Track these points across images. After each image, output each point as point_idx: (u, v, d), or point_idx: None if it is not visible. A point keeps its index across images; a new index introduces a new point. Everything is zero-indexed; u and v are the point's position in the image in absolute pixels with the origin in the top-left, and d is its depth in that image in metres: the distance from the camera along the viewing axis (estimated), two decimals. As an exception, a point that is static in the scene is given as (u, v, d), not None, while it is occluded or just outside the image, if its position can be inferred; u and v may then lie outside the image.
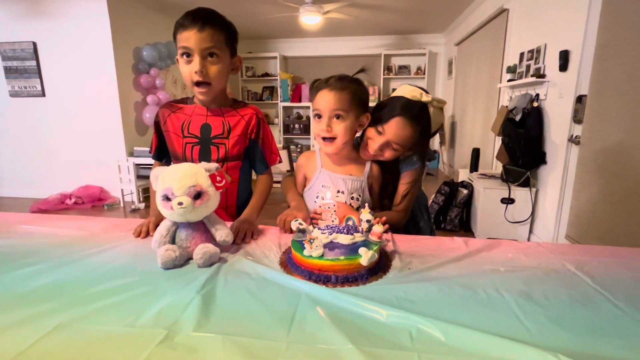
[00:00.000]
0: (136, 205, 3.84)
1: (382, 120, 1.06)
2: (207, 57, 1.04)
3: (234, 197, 1.23)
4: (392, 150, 1.08)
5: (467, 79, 4.61)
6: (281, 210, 1.08)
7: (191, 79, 1.05)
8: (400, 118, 1.04)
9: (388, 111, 1.06)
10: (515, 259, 0.87)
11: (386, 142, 1.06)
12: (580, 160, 2.32)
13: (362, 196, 1.13)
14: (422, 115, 1.05)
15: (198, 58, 1.02)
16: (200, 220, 0.87)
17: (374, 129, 1.07)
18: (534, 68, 2.77)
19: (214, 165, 0.88)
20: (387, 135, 1.05)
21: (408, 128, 1.04)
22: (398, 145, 1.06)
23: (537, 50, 2.75)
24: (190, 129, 1.15)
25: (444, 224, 3.11)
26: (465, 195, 3.04)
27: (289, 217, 1.03)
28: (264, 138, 1.22)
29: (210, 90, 1.08)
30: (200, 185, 0.83)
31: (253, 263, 0.82)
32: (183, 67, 1.05)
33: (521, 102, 2.83)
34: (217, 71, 1.06)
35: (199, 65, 1.02)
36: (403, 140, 1.05)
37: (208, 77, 1.05)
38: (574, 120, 2.34)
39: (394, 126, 1.04)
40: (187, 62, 1.04)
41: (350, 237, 0.80)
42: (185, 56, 1.03)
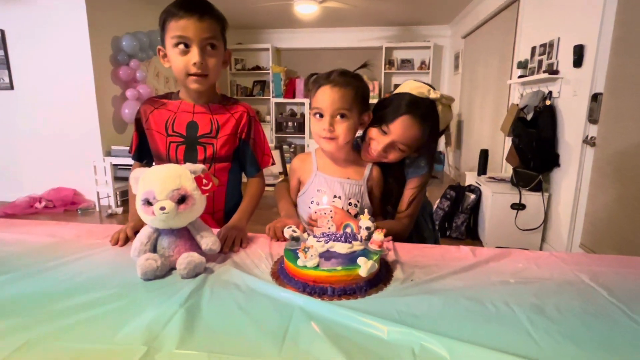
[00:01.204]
0: (113, 210, 3.81)
1: (386, 119, 1.06)
2: (207, 48, 1.04)
3: (221, 202, 1.23)
4: (397, 152, 1.08)
5: (475, 75, 4.65)
6: (274, 215, 1.08)
7: (186, 71, 1.05)
8: (407, 117, 1.04)
9: (393, 109, 1.06)
10: (526, 269, 0.87)
11: (391, 143, 1.06)
12: (595, 163, 2.35)
13: (361, 201, 1.13)
14: (430, 113, 1.06)
15: (197, 49, 1.02)
16: (184, 227, 0.87)
17: (377, 129, 1.08)
18: (547, 63, 2.80)
19: (200, 167, 0.88)
20: (392, 136, 1.05)
21: (416, 127, 1.04)
22: (404, 146, 1.06)
23: (549, 45, 2.78)
24: (175, 127, 1.15)
25: (449, 231, 3.12)
26: (472, 201, 3.06)
27: (280, 224, 1.04)
28: (256, 138, 1.22)
29: (206, 82, 1.09)
30: (185, 189, 0.83)
31: (242, 274, 0.81)
32: (177, 59, 1.05)
33: (533, 100, 2.86)
34: (215, 63, 1.07)
35: (198, 57, 1.03)
36: (410, 140, 1.05)
37: (207, 70, 1.06)
38: (589, 120, 2.37)
39: (400, 126, 1.04)
40: (182, 52, 1.04)
41: (348, 245, 0.80)
42: (183, 46, 1.03)
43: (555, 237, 2.70)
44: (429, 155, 1.14)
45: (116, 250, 0.96)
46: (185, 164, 0.87)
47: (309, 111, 1.10)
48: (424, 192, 1.21)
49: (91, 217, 3.73)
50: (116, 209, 3.83)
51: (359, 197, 1.13)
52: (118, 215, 3.76)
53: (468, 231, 3.10)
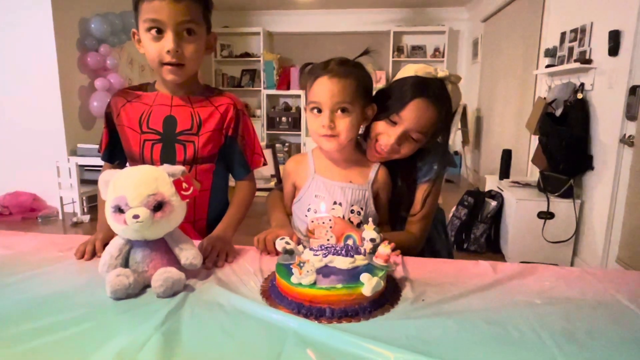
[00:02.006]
0: (79, 218, 3.80)
1: (393, 108, 1.08)
2: (183, 33, 1.04)
3: (204, 209, 1.23)
4: (411, 143, 1.10)
5: (497, 64, 4.68)
6: (265, 225, 1.09)
7: (160, 59, 1.05)
8: (420, 100, 1.06)
9: (400, 95, 1.08)
10: (555, 288, 0.87)
11: (404, 133, 1.08)
12: (634, 166, 2.36)
13: (366, 209, 1.13)
14: (443, 93, 1.08)
15: (172, 34, 1.02)
16: (161, 238, 0.87)
17: (385, 121, 1.09)
18: (578, 51, 2.82)
19: (180, 169, 0.88)
20: (404, 124, 1.07)
21: (431, 110, 1.07)
22: (419, 134, 1.08)
23: (581, 30, 2.80)
24: (151, 123, 1.15)
25: (466, 243, 3.13)
26: (493, 208, 3.07)
27: (271, 236, 1.04)
28: (244, 135, 1.22)
29: (182, 72, 1.09)
30: (162, 194, 0.83)
31: (227, 292, 0.81)
32: (149, 45, 1.05)
33: (562, 93, 2.88)
34: (193, 51, 1.07)
35: (173, 43, 1.03)
36: (425, 126, 1.08)
37: (182, 58, 1.06)
38: (626, 116, 2.38)
39: (413, 111, 1.06)
40: (155, 38, 1.04)
41: (350, 260, 0.80)
42: (155, 31, 1.03)
43: (588, 250, 2.71)
44: (446, 140, 1.15)
45: (82, 265, 0.95)
46: (163, 166, 0.88)
47: (305, 106, 1.11)
48: (438, 197, 1.21)
49: (53, 226, 3.72)
50: (82, 217, 3.82)
51: (362, 204, 1.13)
52: (84, 224, 3.75)
53: (488, 244, 3.10)
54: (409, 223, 1.19)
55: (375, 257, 0.82)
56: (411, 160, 1.17)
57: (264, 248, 1.03)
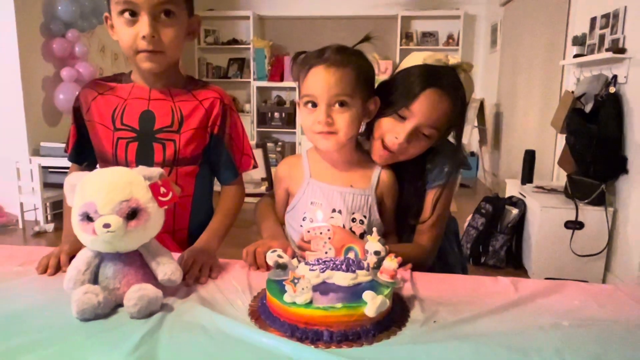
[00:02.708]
0: (42, 227, 3.79)
1: (401, 101, 1.08)
2: (161, 16, 1.05)
3: (185, 218, 1.23)
4: (422, 140, 1.10)
5: (518, 53, 4.70)
6: (254, 236, 1.08)
7: (135, 46, 1.05)
8: (433, 90, 1.07)
9: (408, 87, 1.08)
10: (585, 308, 0.87)
11: (415, 130, 1.08)
12: (674, 169, 2.37)
13: (369, 217, 1.13)
14: (456, 82, 1.10)
15: (147, 17, 1.03)
16: (135, 250, 0.86)
17: (393, 117, 1.10)
18: (610, 39, 2.83)
19: (158, 171, 0.88)
20: (415, 119, 1.07)
21: (445, 102, 1.07)
22: (432, 129, 1.09)
23: (614, 15, 2.82)
24: (125, 118, 1.15)
25: (484, 257, 3.13)
26: (514, 217, 3.07)
27: (261, 248, 1.03)
28: (232, 133, 1.22)
29: (160, 60, 1.09)
30: (137, 200, 0.83)
31: (211, 312, 0.81)
32: (123, 30, 1.05)
33: (592, 87, 2.89)
34: (172, 36, 1.07)
35: (148, 28, 1.03)
36: (439, 120, 1.08)
37: (160, 45, 1.06)
38: (665, 113, 2.39)
39: (425, 103, 1.07)
40: (128, 22, 1.04)
41: (351, 276, 0.80)
42: (128, 14, 1.03)
43: (622, 265, 2.71)
44: (456, 146, 1.16)
45: (45, 281, 0.95)
46: (138, 168, 0.87)
47: (298, 100, 1.11)
48: (450, 204, 1.21)
49: (12, 237, 3.70)
50: (46, 226, 3.81)
51: (365, 211, 1.13)
52: (48, 234, 3.74)
53: (509, 257, 3.10)
54: (418, 233, 1.19)
55: (380, 273, 0.82)
56: (420, 160, 1.17)
57: (254, 262, 1.03)
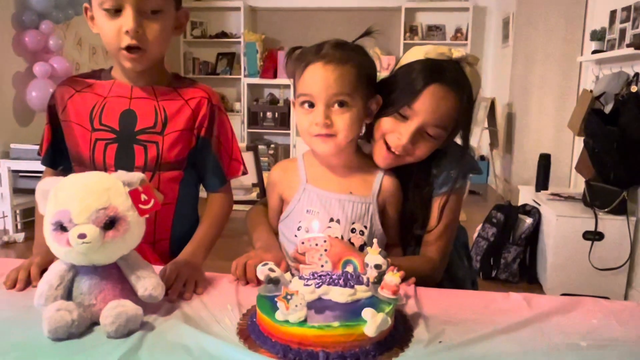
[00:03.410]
0: (11, 237, 3.77)
1: (402, 99, 1.09)
2: (147, 10, 1.06)
3: (168, 227, 1.23)
4: (428, 141, 1.11)
5: (532, 49, 4.72)
6: (244, 247, 1.08)
7: (118, 41, 1.06)
8: (436, 86, 1.07)
9: (409, 84, 1.09)
10: (604, 327, 0.87)
11: (419, 129, 1.09)
12: (701, 176, 2.38)
13: (370, 227, 1.13)
14: (462, 77, 1.10)
15: (132, 11, 1.04)
16: (113, 263, 0.86)
17: (394, 117, 1.10)
18: (632, 34, 2.84)
19: (138, 177, 0.87)
20: (419, 118, 1.08)
21: (450, 98, 1.08)
22: (438, 128, 1.09)
23: (635, 8, 2.84)
24: (104, 118, 1.15)
25: (495, 270, 3.13)
26: (528, 227, 3.07)
27: (252, 260, 1.03)
28: (220, 136, 1.23)
29: (144, 58, 1.10)
30: (115, 208, 0.83)
31: (196, 332, 0.81)
32: (105, 24, 1.06)
33: (613, 86, 2.90)
34: (158, 32, 1.08)
35: (133, 23, 1.04)
36: (444, 118, 1.09)
37: (145, 41, 1.07)
38: (692, 114, 2.40)
39: (428, 100, 1.07)
40: (111, 15, 1.05)
41: (349, 291, 0.80)
42: (112, 6, 1.04)
43: (645, 280, 2.71)
44: (464, 148, 1.16)
45: (13, 296, 0.94)
46: (117, 173, 0.87)
47: (294, 99, 1.11)
48: (459, 212, 1.22)
49: (-22, 247, 3.68)
50: (15, 236, 3.78)
51: (366, 221, 1.13)
52: (18, 245, 3.71)
53: (522, 271, 3.10)
54: (424, 245, 1.19)
55: (381, 288, 0.82)
56: (425, 165, 1.17)
57: (243, 276, 1.03)
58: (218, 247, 1.21)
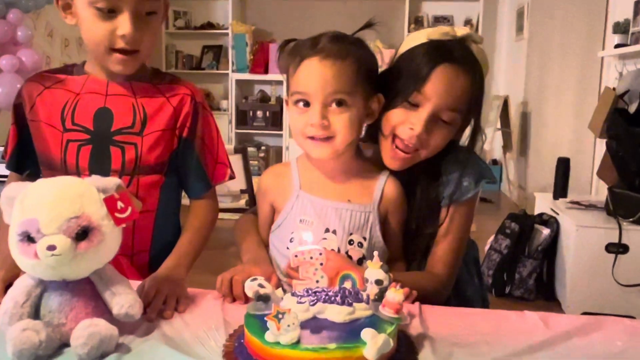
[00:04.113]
0: (-27, 248, 3.74)
1: (409, 86, 1.10)
2: (142, 14, 1.08)
3: (147, 238, 1.23)
4: (443, 128, 1.12)
5: (549, 42, 4.74)
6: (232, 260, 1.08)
7: (109, 44, 1.07)
8: (447, 66, 1.09)
9: (416, 68, 1.10)
10: (629, 350, 0.87)
11: (433, 115, 1.10)
12: None
13: (370, 239, 1.13)
14: (470, 55, 1.13)
15: (129, 16, 1.05)
16: (85, 278, 0.86)
17: (403, 107, 1.11)
18: (658, 27, 2.86)
19: (114, 182, 0.87)
20: (432, 102, 1.09)
21: (462, 77, 1.10)
22: (452, 112, 1.11)
23: (662, -1, 2.85)
24: (77, 117, 1.15)
25: (509, 287, 3.13)
26: (545, 239, 3.08)
27: (239, 275, 1.03)
28: (205, 136, 1.23)
29: (136, 61, 1.12)
30: (88, 217, 0.82)
31: (178, 354, 0.81)
32: (94, 24, 1.07)
33: (638, 83, 2.92)
34: (152, 35, 1.11)
35: (131, 27, 1.05)
36: (458, 100, 1.10)
37: (138, 44, 1.09)
38: None
39: (440, 81, 1.09)
40: (104, 17, 1.06)
41: (347, 310, 0.79)
42: (105, 7, 1.05)
43: (674, 297, 2.72)
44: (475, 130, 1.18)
45: (-26, 315, 0.94)
46: (91, 178, 0.87)
47: (287, 97, 1.12)
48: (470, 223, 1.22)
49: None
50: (-22, 247, 3.76)
51: (365, 232, 1.13)
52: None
53: (539, 287, 3.10)
54: (431, 260, 1.19)
55: (382, 306, 0.81)
56: (433, 169, 1.18)
57: (229, 292, 1.02)
58: (202, 259, 1.21)
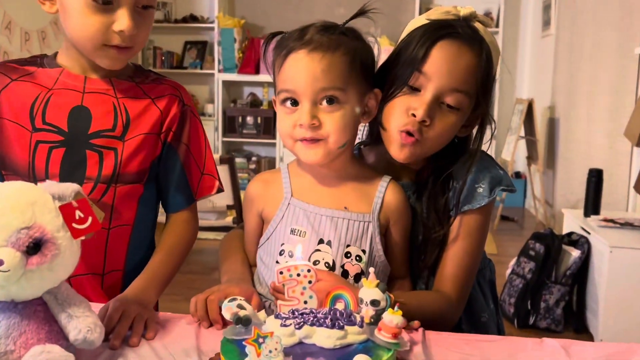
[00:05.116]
0: None
1: (408, 69, 1.12)
2: (139, 7, 1.11)
3: (121, 254, 1.23)
4: (450, 114, 1.13)
5: (579, 38, 4.76)
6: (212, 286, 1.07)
7: (103, 39, 1.09)
8: (447, 41, 1.11)
9: (414, 49, 1.12)
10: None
11: (436, 97, 1.11)
12: None
13: (370, 252, 1.13)
14: (475, 33, 1.15)
15: (127, 10, 1.08)
16: (38, 298, 0.86)
17: (404, 93, 1.13)
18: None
19: (72, 189, 0.87)
20: (433, 83, 1.11)
21: (465, 54, 1.12)
22: (458, 93, 1.12)
23: None
24: (49, 116, 1.15)
25: (533, 316, 3.11)
26: (575, 262, 3.07)
27: (214, 295, 1.03)
28: (191, 144, 1.25)
29: (126, 57, 1.16)
30: (41, 227, 0.82)
31: (142, 386, 0.80)
32: (85, 17, 1.08)
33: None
34: (147, 29, 1.15)
35: (129, 22, 1.08)
36: (463, 79, 1.12)
37: (133, 41, 1.12)
38: None
39: (441, 58, 1.11)
40: (99, 9, 1.07)
41: (338, 333, 0.79)
42: (100, 1, 1.07)
43: None
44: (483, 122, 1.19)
45: None
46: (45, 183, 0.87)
47: (274, 97, 1.12)
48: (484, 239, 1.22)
49: None
50: None
51: (364, 244, 1.13)
52: None
53: (568, 317, 3.10)
54: (439, 278, 1.19)
55: (379, 330, 0.81)
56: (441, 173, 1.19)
57: (205, 315, 1.02)
58: (182, 285, 1.21)
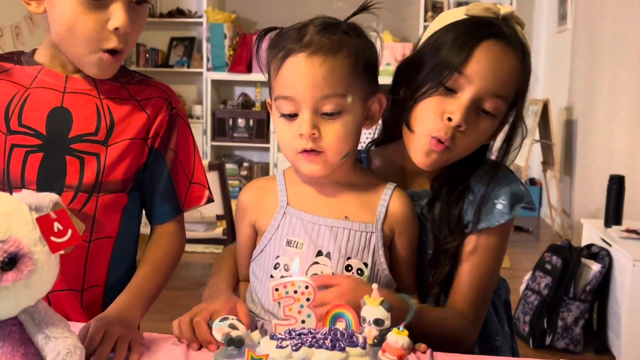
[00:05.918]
0: None
1: (445, 68, 1.11)
2: (134, 2, 1.12)
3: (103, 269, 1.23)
4: (484, 120, 1.15)
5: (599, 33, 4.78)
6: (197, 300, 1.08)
7: (99, 39, 1.10)
8: (494, 42, 1.12)
9: (454, 46, 1.12)
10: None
11: (475, 100, 1.12)
12: None
13: (372, 265, 1.14)
14: (517, 35, 1.17)
15: (122, 3, 1.09)
16: (12, 318, 0.86)
17: (438, 94, 1.13)
18: None
19: (50, 198, 0.88)
20: (475, 84, 1.11)
21: (510, 57, 1.13)
22: (498, 99, 1.13)
23: None
24: (26, 117, 1.16)
25: (550, 336, 3.11)
26: (595, 276, 3.07)
27: (199, 316, 1.02)
28: (179, 150, 1.26)
29: (119, 60, 1.16)
30: (17, 241, 0.82)
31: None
32: (82, 15, 1.08)
33: None
34: (141, 27, 1.16)
35: (124, 16, 1.08)
36: (506, 84, 1.13)
37: (127, 40, 1.13)
38: None
39: (485, 59, 1.11)
40: (93, 5, 1.08)
41: (339, 355, 0.79)
42: None
43: None
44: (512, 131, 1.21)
45: None
46: (22, 193, 0.87)
47: (270, 101, 1.13)
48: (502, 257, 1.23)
49: None
50: None
51: (367, 257, 1.13)
52: None
53: (588, 337, 3.09)
54: (453, 296, 1.19)
55: (382, 352, 0.82)
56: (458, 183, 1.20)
57: (193, 337, 1.01)
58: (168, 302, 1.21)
